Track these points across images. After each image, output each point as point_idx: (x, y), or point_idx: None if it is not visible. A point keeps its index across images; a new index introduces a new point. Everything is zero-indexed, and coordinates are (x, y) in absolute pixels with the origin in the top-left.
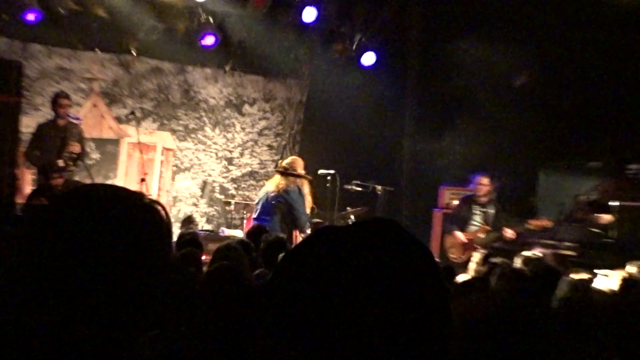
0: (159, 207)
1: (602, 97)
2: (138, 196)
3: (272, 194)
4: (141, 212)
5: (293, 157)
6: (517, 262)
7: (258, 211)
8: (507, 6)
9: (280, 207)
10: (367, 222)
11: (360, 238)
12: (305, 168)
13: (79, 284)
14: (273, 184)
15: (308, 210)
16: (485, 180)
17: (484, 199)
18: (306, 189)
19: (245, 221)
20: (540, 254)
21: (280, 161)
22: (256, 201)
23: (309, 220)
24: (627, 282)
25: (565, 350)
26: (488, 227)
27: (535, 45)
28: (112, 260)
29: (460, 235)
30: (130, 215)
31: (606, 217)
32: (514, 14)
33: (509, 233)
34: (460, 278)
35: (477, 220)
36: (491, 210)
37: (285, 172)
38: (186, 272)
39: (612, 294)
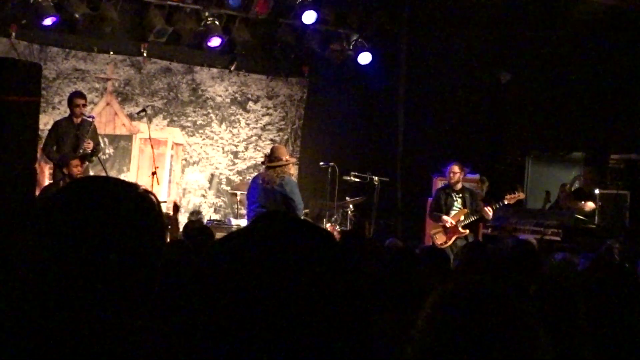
0: (152, 197)
1: (585, 91)
2: (133, 186)
3: (266, 186)
4: (136, 200)
5: (274, 145)
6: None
7: (255, 203)
8: (491, 6)
9: (275, 197)
10: (264, 217)
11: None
12: (306, 161)
13: (79, 269)
14: (265, 177)
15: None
16: (456, 168)
17: (458, 186)
18: (293, 173)
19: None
20: (527, 239)
21: (266, 155)
22: (249, 193)
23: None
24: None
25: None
26: (467, 210)
27: (520, 41)
28: (110, 245)
29: (447, 218)
30: (125, 204)
31: (589, 205)
32: (498, 12)
33: (487, 210)
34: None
35: (456, 205)
36: (467, 194)
37: (273, 165)
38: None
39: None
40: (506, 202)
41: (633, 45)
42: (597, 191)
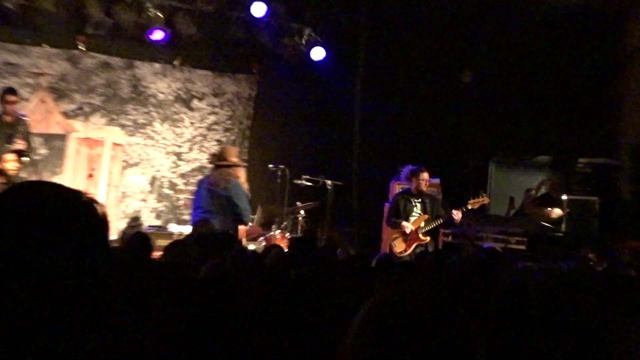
0: (97, 205)
1: (550, 92)
2: (77, 194)
3: (212, 188)
4: (80, 208)
5: (223, 146)
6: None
7: (200, 207)
8: (453, 6)
9: (221, 201)
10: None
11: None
12: (255, 163)
13: (19, 278)
14: (211, 178)
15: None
16: (426, 175)
17: (420, 192)
18: (242, 177)
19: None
20: (491, 247)
21: (213, 154)
22: (195, 196)
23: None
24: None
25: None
26: (427, 216)
27: (482, 41)
28: (52, 254)
29: (407, 224)
30: (68, 212)
31: (556, 211)
32: (461, 9)
33: (455, 213)
34: None
35: (416, 211)
36: (427, 200)
37: (220, 165)
38: (135, 268)
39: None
40: (469, 207)
41: (600, 46)
42: (564, 197)
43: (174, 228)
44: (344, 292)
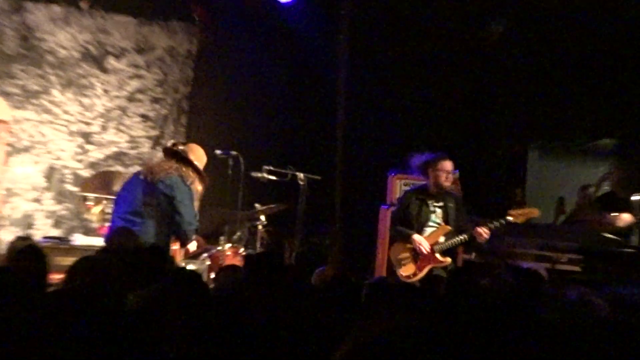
0: None
1: (616, 51)
2: None
3: (146, 179)
4: None
5: (193, 144)
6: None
7: (122, 209)
8: None
9: (157, 200)
10: None
11: None
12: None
13: None
14: (149, 171)
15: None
16: (449, 165)
17: (441, 190)
18: (198, 188)
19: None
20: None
21: (167, 141)
22: (120, 193)
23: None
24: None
25: None
26: (449, 228)
27: None
28: None
29: (419, 240)
30: None
31: (623, 217)
32: None
33: (482, 232)
34: None
35: (434, 219)
36: (450, 203)
37: (174, 155)
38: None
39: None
40: (510, 219)
41: None
42: (635, 197)
43: (79, 240)
44: (321, 331)
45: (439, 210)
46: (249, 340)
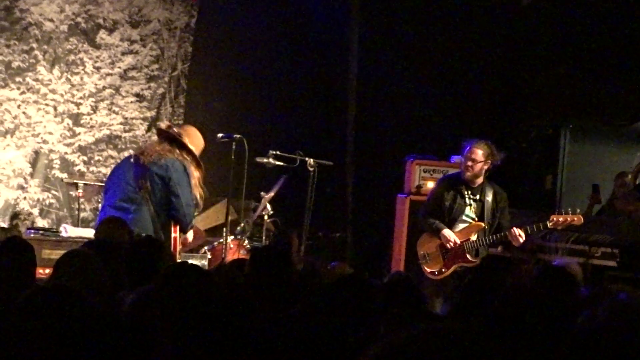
0: None
1: None
2: None
3: (139, 162)
4: None
5: (189, 126)
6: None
7: (113, 197)
8: None
9: (151, 184)
10: None
11: None
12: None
13: None
14: (143, 154)
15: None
16: (479, 152)
17: (477, 181)
18: (195, 177)
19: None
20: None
21: (162, 122)
22: (109, 180)
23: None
24: None
25: None
26: (484, 225)
27: None
28: None
29: (449, 234)
30: None
31: None
32: None
33: (517, 234)
34: None
35: (468, 214)
36: (488, 197)
37: (170, 138)
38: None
39: None
40: (550, 225)
41: None
42: None
43: (69, 231)
44: (334, 334)
45: (474, 205)
46: (253, 341)
